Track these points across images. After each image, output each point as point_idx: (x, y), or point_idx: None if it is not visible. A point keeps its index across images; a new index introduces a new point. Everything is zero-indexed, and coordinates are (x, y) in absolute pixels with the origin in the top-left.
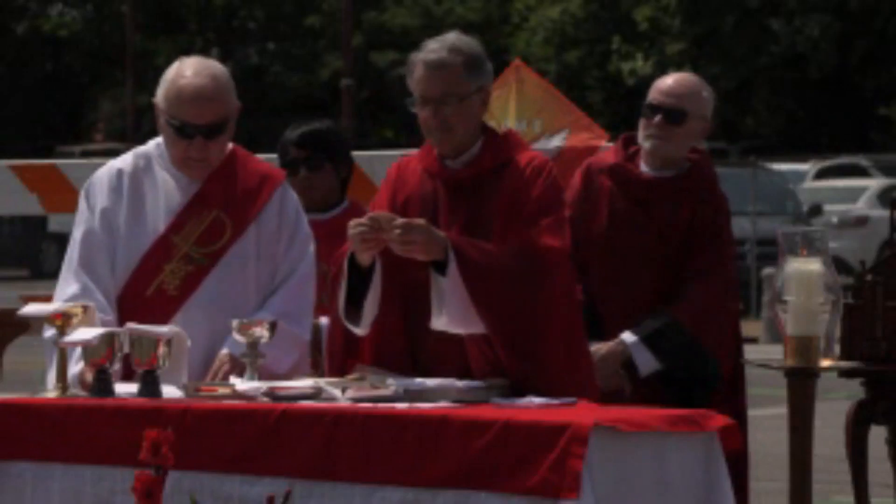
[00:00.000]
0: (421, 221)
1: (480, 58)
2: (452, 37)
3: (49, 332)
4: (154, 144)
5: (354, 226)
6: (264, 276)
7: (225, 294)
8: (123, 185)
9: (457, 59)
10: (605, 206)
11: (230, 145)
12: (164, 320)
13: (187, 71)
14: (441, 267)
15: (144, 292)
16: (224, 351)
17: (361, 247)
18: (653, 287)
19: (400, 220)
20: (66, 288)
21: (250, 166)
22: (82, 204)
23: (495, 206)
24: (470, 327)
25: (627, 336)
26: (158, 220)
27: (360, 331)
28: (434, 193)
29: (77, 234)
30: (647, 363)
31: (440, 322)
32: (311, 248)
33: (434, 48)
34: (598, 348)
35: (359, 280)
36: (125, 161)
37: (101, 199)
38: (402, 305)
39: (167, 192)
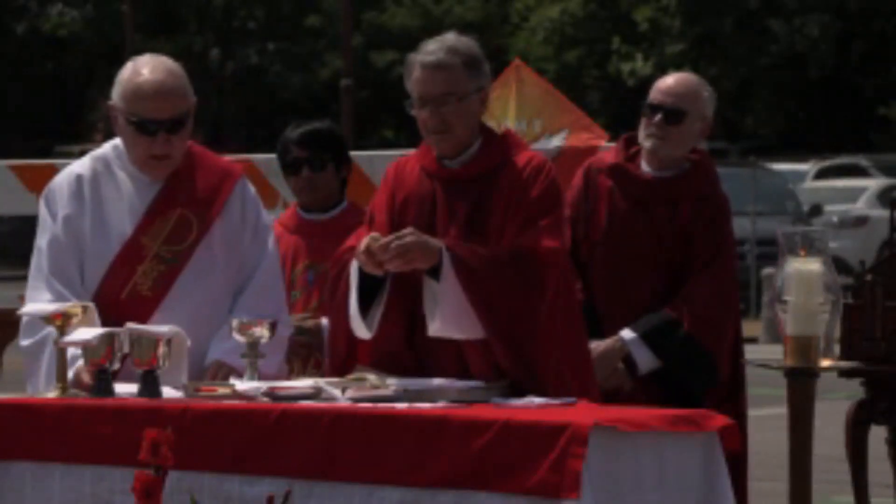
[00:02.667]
0: (410, 231)
1: (479, 58)
2: (451, 37)
3: (26, 341)
4: (111, 147)
5: (359, 256)
6: (233, 270)
7: (198, 291)
8: (84, 191)
9: (455, 60)
10: (606, 205)
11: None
12: (140, 322)
13: (143, 69)
14: (434, 272)
15: (119, 295)
16: (213, 359)
17: (371, 269)
18: (652, 286)
19: (394, 244)
20: (40, 297)
21: (209, 162)
22: (43, 212)
23: (494, 206)
24: (465, 332)
25: (626, 333)
26: (124, 222)
27: (366, 334)
28: (432, 193)
29: (42, 243)
30: (645, 360)
31: (434, 327)
32: (272, 237)
33: (432, 49)
34: (597, 346)
35: (366, 284)
36: (83, 166)
37: (62, 206)
38: (404, 309)
39: (129, 193)
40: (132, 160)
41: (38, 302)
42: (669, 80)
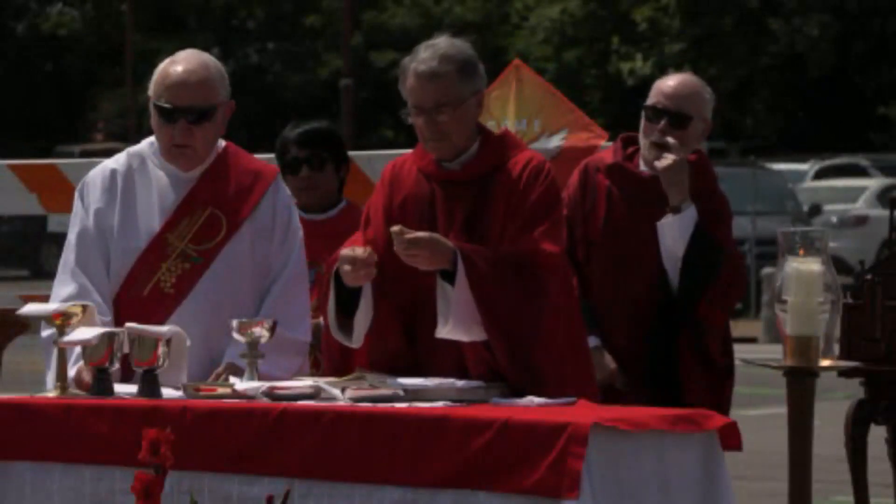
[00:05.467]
0: (426, 234)
1: (472, 62)
2: (444, 44)
3: (46, 332)
4: (147, 143)
5: (345, 262)
6: (259, 272)
7: (221, 291)
8: (117, 185)
9: (449, 67)
10: (604, 205)
11: (223, 143)
12: (160, 319)
13: (179, 58)
14: (447, 275)
15: (141, 292)
16: (228, 361)
17: (351, 280)
18: (651, 286)
19: (408, 236)
20: (63, 289)
21: (243, 163)
22: (77, 204)
23: (493, 208)
24: (475, 335)
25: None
26: (153, 219)
27: (353, 344)
28: (431, 195)
29: (72, 235)
30: (681, 228)
31: (445, 330)
32: (301, 241)
33: (425, 57)
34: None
35: (349, 293)
36: (118, 161)
37: (95, 200)
38: (399, 309)
39: (161, 190)
40: (160, 150)
41: (61, 293)
42: (671, 83)
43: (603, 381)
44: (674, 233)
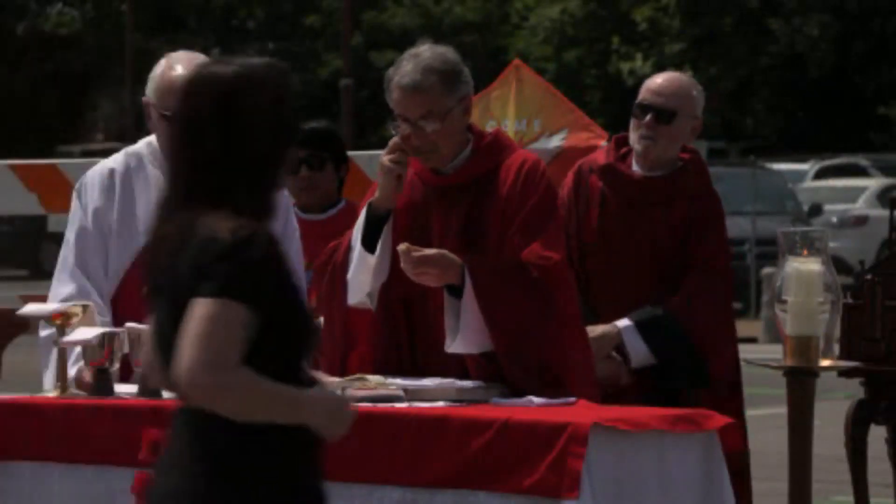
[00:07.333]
0: (436, 252)
1: (457, 69)
2: (427, 54)
3: (45, 332)
4: (145, 143)
5: (388, 157)
6: None
7: None
8: (115, 185)
9: (432, 79)
10: (597, 206)
11: None
12: None
13: (177, 64)
14: (452, 288)
15: (139, 292)
16: None
17: (392, 174)
18: (647, 287)
19: (416, 254)
20: (62, 289)
21: None
22: (75, 204)
23: (490, 213)
24: (483, 347)
25: (622, 322)
26: (151, 218)
27: (358, 294)
28: (426, 200)
29: (70, 235)
30: (638, 351)
31: (454, 345)
32: (298, 243)
33: (408, 70)
34: (591, 330)
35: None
36: (116, 161)
37: (93, 199)
38: (402, 313)
39: (159, 190)
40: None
41: (60, 293)
42: (658, 80)
43: (610, 376)
44: (634, 351)
